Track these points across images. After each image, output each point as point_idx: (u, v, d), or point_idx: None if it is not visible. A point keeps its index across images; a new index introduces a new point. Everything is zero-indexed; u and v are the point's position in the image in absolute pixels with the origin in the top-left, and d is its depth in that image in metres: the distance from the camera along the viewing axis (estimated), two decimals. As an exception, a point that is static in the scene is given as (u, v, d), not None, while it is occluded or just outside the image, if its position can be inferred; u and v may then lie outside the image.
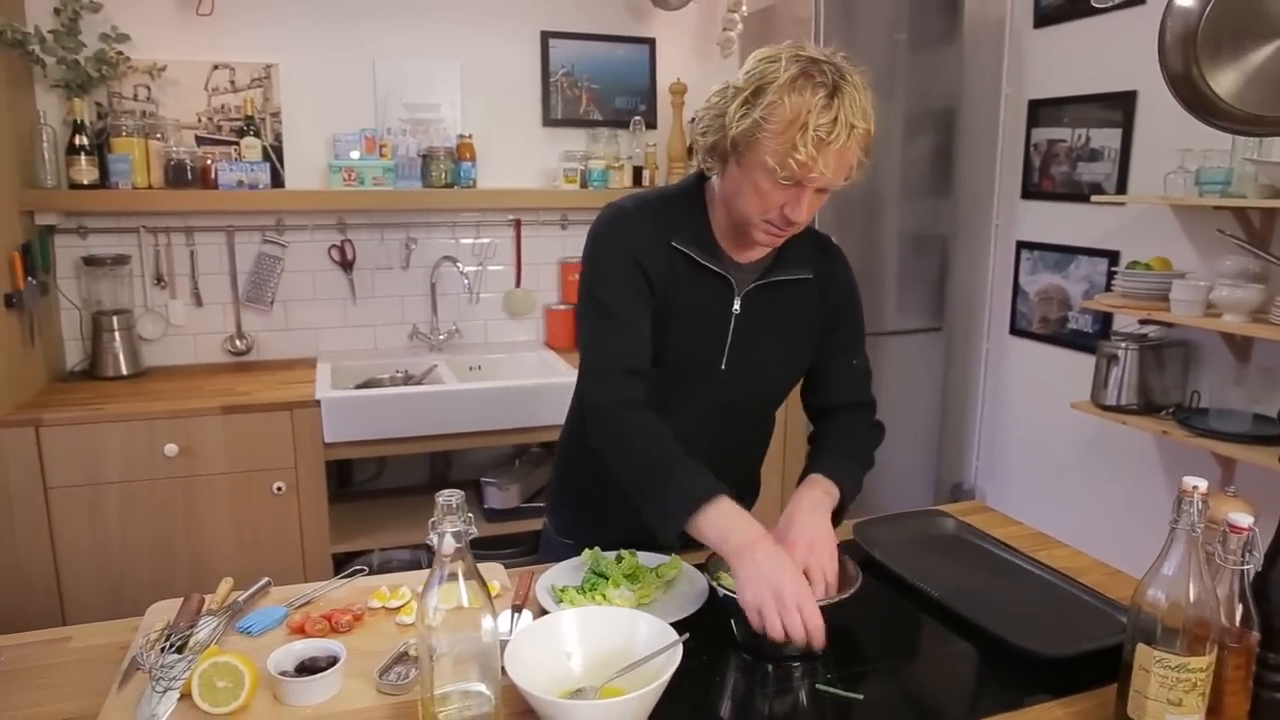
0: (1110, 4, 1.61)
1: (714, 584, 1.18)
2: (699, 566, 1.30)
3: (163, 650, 1.03)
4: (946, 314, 3.22)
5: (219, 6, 2.70)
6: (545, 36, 3.09)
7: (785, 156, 1.14)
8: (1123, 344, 2.41)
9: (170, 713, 0.94)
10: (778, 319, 1.36)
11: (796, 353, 1.41)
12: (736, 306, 1.33)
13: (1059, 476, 2.94)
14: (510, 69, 3.08)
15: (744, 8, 3.04)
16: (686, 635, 1.00)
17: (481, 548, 2.72)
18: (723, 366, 1.35)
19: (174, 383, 2.62)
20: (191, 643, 1.05)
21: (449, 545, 0.88)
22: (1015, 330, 3.08)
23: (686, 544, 1.33)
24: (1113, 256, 2.69)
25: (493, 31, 3.03)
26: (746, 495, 1.49)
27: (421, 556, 2.81)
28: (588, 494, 1.49)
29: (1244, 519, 0.95)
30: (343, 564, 2.61)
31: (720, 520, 1.15)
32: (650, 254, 1.29)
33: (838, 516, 1.30)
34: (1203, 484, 0.93)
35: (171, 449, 2.32)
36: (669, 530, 1.18)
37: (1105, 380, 2.44)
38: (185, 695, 0.95)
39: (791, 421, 2.72)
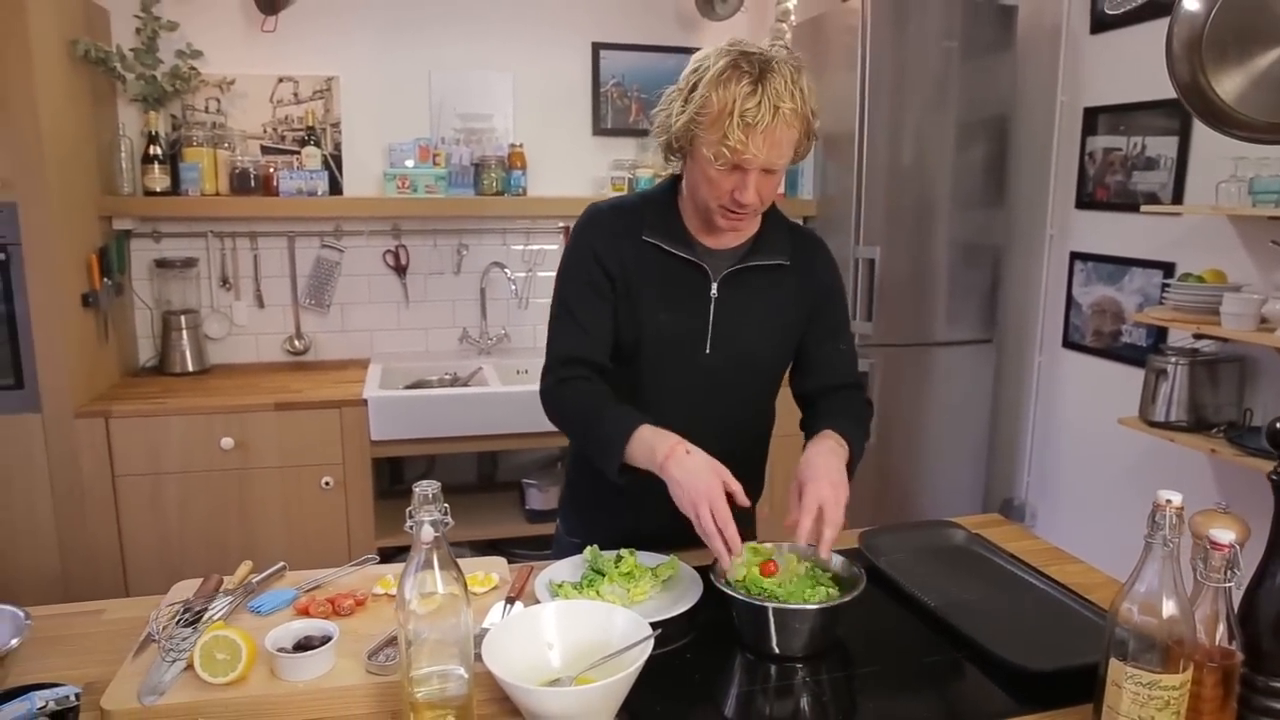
0: (1123, 10, 1.58)
1: (716, 581, 1.20)
2: (700, 569, 1.32)
3: (176, 624, 1.10)
4: (998, 325, 3.16)
5: (283, 23, 2.84)
6: (596, 48, 3.16)
7: (719, 144, 1.22)
8: (1172, 359, 2.34)
9: (175, 680, 1.01)
10: (758, 301, 1.41)
11: (779, 334, 1.45)
12: (714, 291, 1.39)
13: (1111, 493, 2.85)
14: (562, 79, 3.15)
15: (792, 18, 3.05)
16: (660, 630, 1.03)
17: (520, 547, 2.79)
18: (707, 350, 1.40)
19: (235, 380, 2.76)
20: (204, 619, 1.13)
21: (427, 534, 0.93)
22: (1068, 343, 3.01)
23: (689, 542, 1.37)
24: (1168, 268, 2.60)
25: (545, 43, 3.11)
26: (752, 489, 1.49)
27: (465, 552, 2.89)
28: (592, 494, 1.53)
29: (1225, 536, 0.94)
30: (390, 558, 2.70)
31: (642, 446, 1.25)
32: (614, 251, 1.37)
33: (848, 472, 1.34)
34: (1177, 497, 0.92)
35: (228, 442, 2.45)
36: (610, 466, 1.28)
37: (1154, 396, 2.37)
38: (190, 666, 1.02)
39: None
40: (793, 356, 1.50)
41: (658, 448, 1.24)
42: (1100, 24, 2.80)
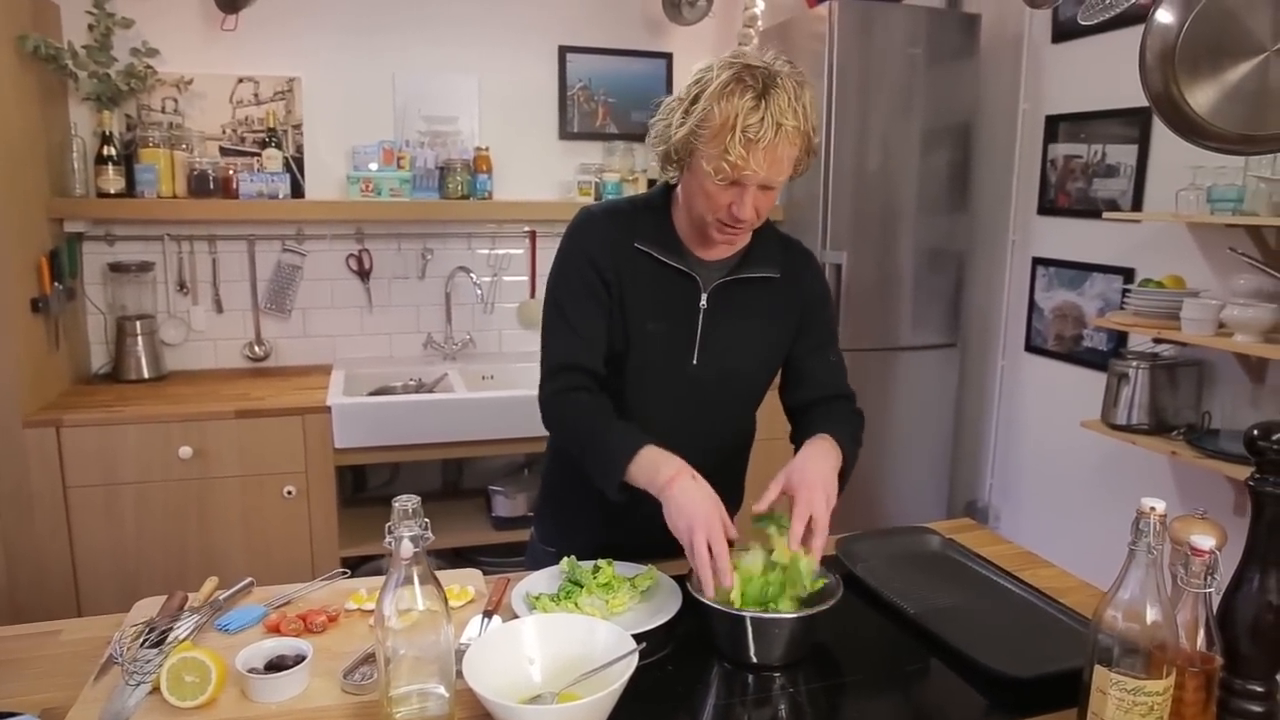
0: (1098, 20, 1.60)
1: (693, 591, 1.19)
2: (678, 578, 1.31)
3: (142, 645, 1.06)
4: (961, 330, 3.20)
5: (244, 21, 2.78)
6: (563, 51, 3.13)
7: (719, 159, 1.20)
8: (1134, 363, 2.38)
9: (140, 705, 0.97)
10: (747, 314, 1.40)
11: (766, 348, 1.45)
12: (704, 302, 1.37)
13: (1073, 495, 2.90)
14: (528, 83, 3.12)
15: (760, 23, 3.06)
16: (644, 644, 1.01)
17: (488, 554, 2.76)
18: (695, 361, 1.39)
19: (193, 387, 2.68)
20: (170, 639, 1.08)
21: (406, 549, 0.91)
22: (1030, 347, 3.05)
23: (669, 553, 1.36)
24: (1128, 274, 2.65)
25: (511, 46, 3.08)
26: (731, 501, 1.49)
27: (430, 560, 2.84)
28: (569, 503, 1.51)
29: (1205, 542, 0.95)
30: (354, 568, 2.65)
31: (646, 465, 1.24)
32: (608, 256, 1.35)
33: (840, 482, 1.33)
34: (1160, 505, 0.92)
35: (186, 451, 2.38)
36: (611, 484, 1.26)
37: (1116, 399, 2.41)
38: (156, 689, 0.98)
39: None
40: (778, 370, 1.49)
41: (662, 469, 1.23)
42: (1061, 34, 2.85)
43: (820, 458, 1.28)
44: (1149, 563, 0.92)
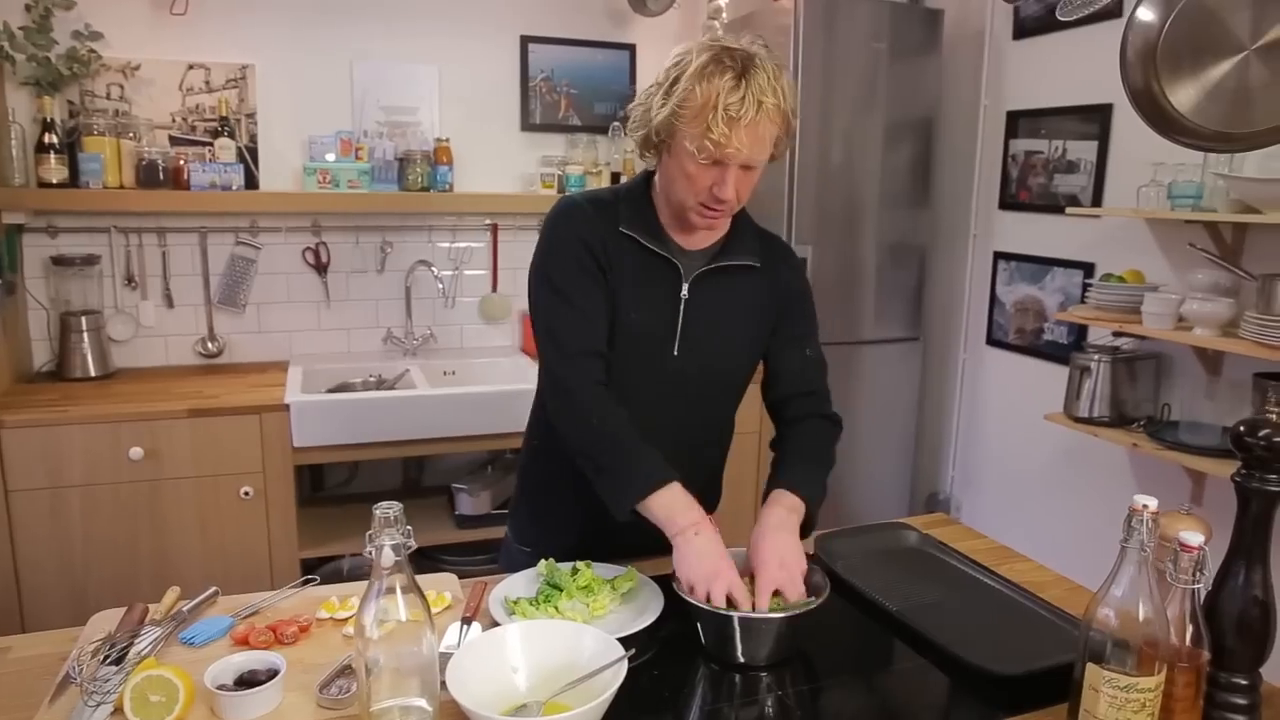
0: (1077, 16, 1.60)
1: (679, 591, 1.17)
2: (658, 578, 1.29)
3: (100, 662, 1.00)
4: (924, 324, 3.22)
5: (194, 6, 2.68)
6: (525, 41, 3.08)
7: (702, 138, 1.20)
8: (1095, 356, 2.41)
9: (101, 727, 0.91)
10: (727, 304, 1.40)
11: (746, 339, 1.43)
12: (685, 291, 1.36)
13: (1033, 487, 2.94)
14: (489, 73, 3.06)
15: (724, 15, 3.04)
16: (633, 650, 0.98)
17: (452, 554, 2.71)
18: (675, 352, 1.37)
19: (143, 385, 2.59)
20: (131, 654, 1.03)
21: (388, 558, 0.87)
22: (992, 341, 3.08)
23: (647, 552, 1.34)
24: (1088, 268, 2.69)
25: (472, 35, 3.02)
26: (708, 499, 1.48)
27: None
28: (547, 502, 1.48)
29: (1194, 538, 0.95)
30: (312, 570, 2.58)
31: (671, 502, 1.23)
32: (599, 240, 1.33)
33: (808, 526, 1.33)
34: (1153, 502, 0.92)
35: (137, 452, 2.29)
36: (623, 505, 1.24)
37: (1078, 392, 2.44)
38: (119, 710, 0.92)
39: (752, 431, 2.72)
40: (758, 363, 1.48)
41: (679, 515, 1.22)
42: (1022, 30, 2.87)
43: (774, 529, 1.27)
44: (1140, 560, 0.92)
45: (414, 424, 2.54)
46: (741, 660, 1.15)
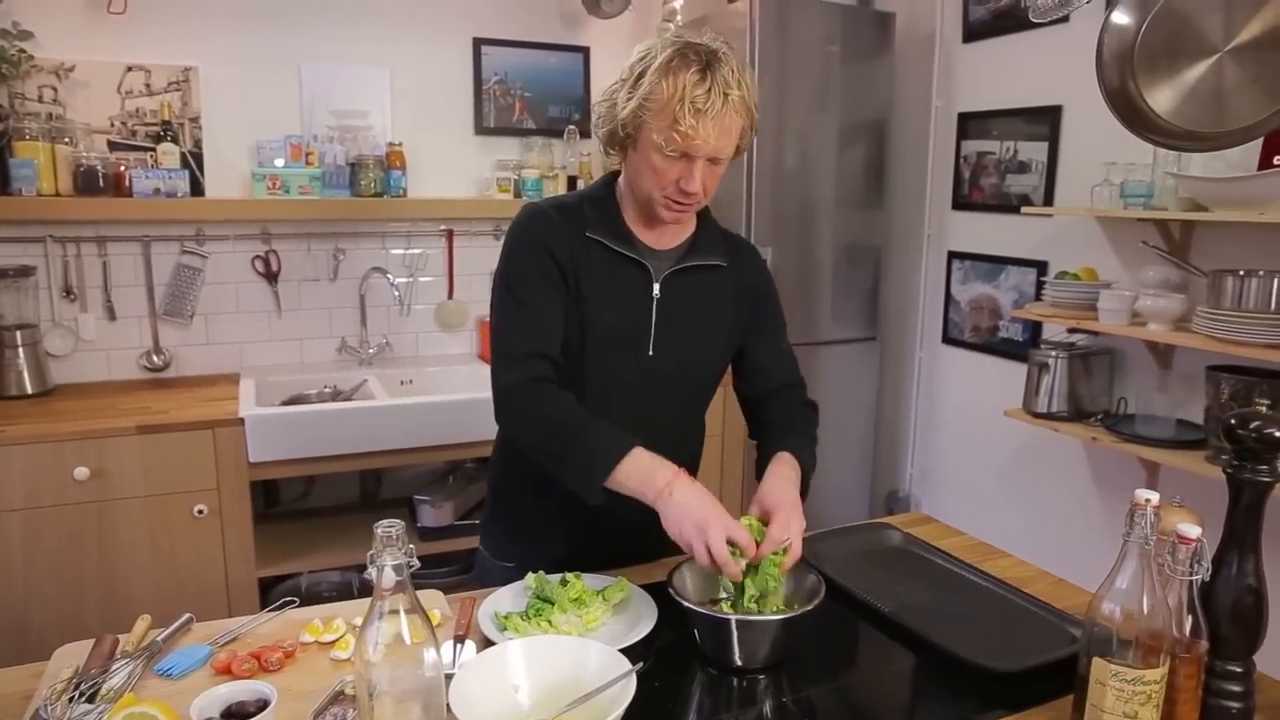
0: (1048, 19, 1.63)
1: (675, 597, 1.15)
2: (648, 587, 1.27)
3: (70, 700, 0.94)
4: (880, 323, 3.25)
5: (133, 4, 2.58)
6: (477, 43, 3.03)
7: (669, 130, 1.22)
8: (1053, 353, 2.46)
9: (80, 769, 0.86)
10: (698, 303, 1.41)
11: (719, 336, 1.45)
12: (656, 291, 1.37)
13: (992, 483, 2.99)
14: (441, 76, 3.01)
15: (679, 18, 3.03)
16: (641, 665, 0.96)
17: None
18: (650, 351, 1.37)
19: (85, 401, 2.47)
20: (104, 690, 0.97)
21: (389, 579, 0.83)
22: (948, 339, 3.13)
23: (632, 559, 1.31)
24: (1041, 267, 2.74)
25: (423, 38, 2.96)
26: None
27: (353, 578, 2.71)
28: (525, 514, 1.45)
29: (1192, 530, 0.96)
30: (269, 588, 2.50)
31: (639, 469, 1.20)
32: (564, 247, 1.33)
33: (801, 493, 1.34)
34: (1155, 497, 0.93)
35: (82, 472, 2.19)
36: (592, 487, 1.21)
37: (1037, 388, 2.49)
38: (97, 748, 0.87)
39: (730, 430, 2.71)
40: (728, 362, 1.50)
41: (658, 474, 1.20)
42: (972, 34, 2.92)
43: (789, 484, 1.29)
44: (1143, 554, 0.93)
45: (373, 435, 2.47)
46: (739, 663, 1.14)
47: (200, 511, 2.31)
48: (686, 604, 1.14)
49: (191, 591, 2.31)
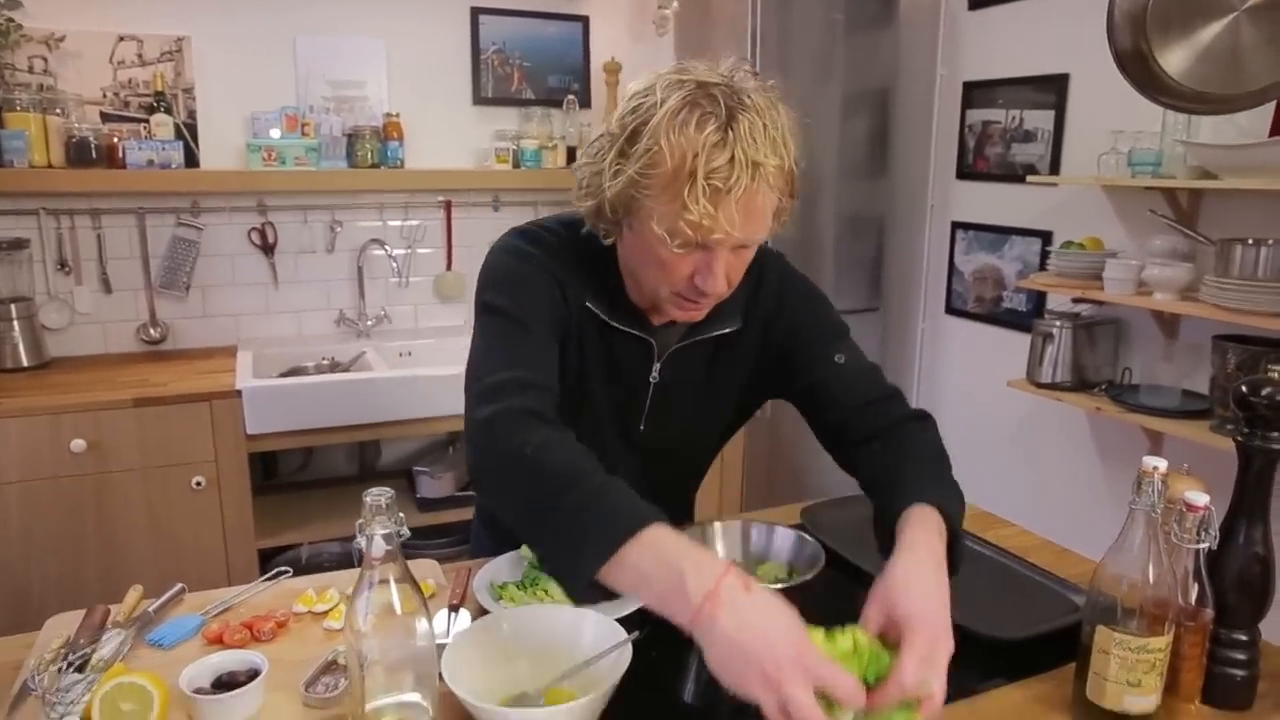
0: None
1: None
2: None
3: (60, 670, 0.93)
4: (883, 294, 3.22)
5: (123, -27, 2.53)
6: (475, 13, 2.98)
7: (675, 219, 0.90)
8: (1057, 323, 2.43)
9: (68, 739, 0.85)
10: (703, 381, 1.18)
11: (726, 407, 1.26)
12: (655, 374, 1.14)
13: (994, 454, 2.97)
14: (439, 46, 2.96)
15: (679, -15, 2.98)
16: (637, 634, 0.95)
17: (415, 538, 2.64)
18: (642, 428, 1.20)
19: (81, 374, 2.46)
20: (94, 660, 0.96)
21: (379, 548, 0.81)
22: (951, 310, 3.10)
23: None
24: (1046, 237, 2.71)
25: (420, 8, 2.91)
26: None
27: (353, 550, 2.70)
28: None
29: (1200, 498, 0.94)
30: (269, 560, 2.50)
31: (658, 561, 0.79)
32: (563, 303, 1.08)
33: (951, 565, 0.94)
34: (1163, 464, 0.91)
35: (79, 444, 2.18)
36: (578, 576, 0.83)
37: (1040, 358, 2.47)
38: None
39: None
40: (739, 423, 1.31)
41: (692, 576, 0.77)
42: (977, 1, 2.87)
43: (932, 572, 0.86)
44: (1149, 522, 0.91)
45: (371, 407, 2.46)
46: None
47: (198, 484, 2.30)
48: None
49: (191, 563, 2.30)
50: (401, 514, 0.82)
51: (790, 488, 1.15)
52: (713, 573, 0.76)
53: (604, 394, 1.15)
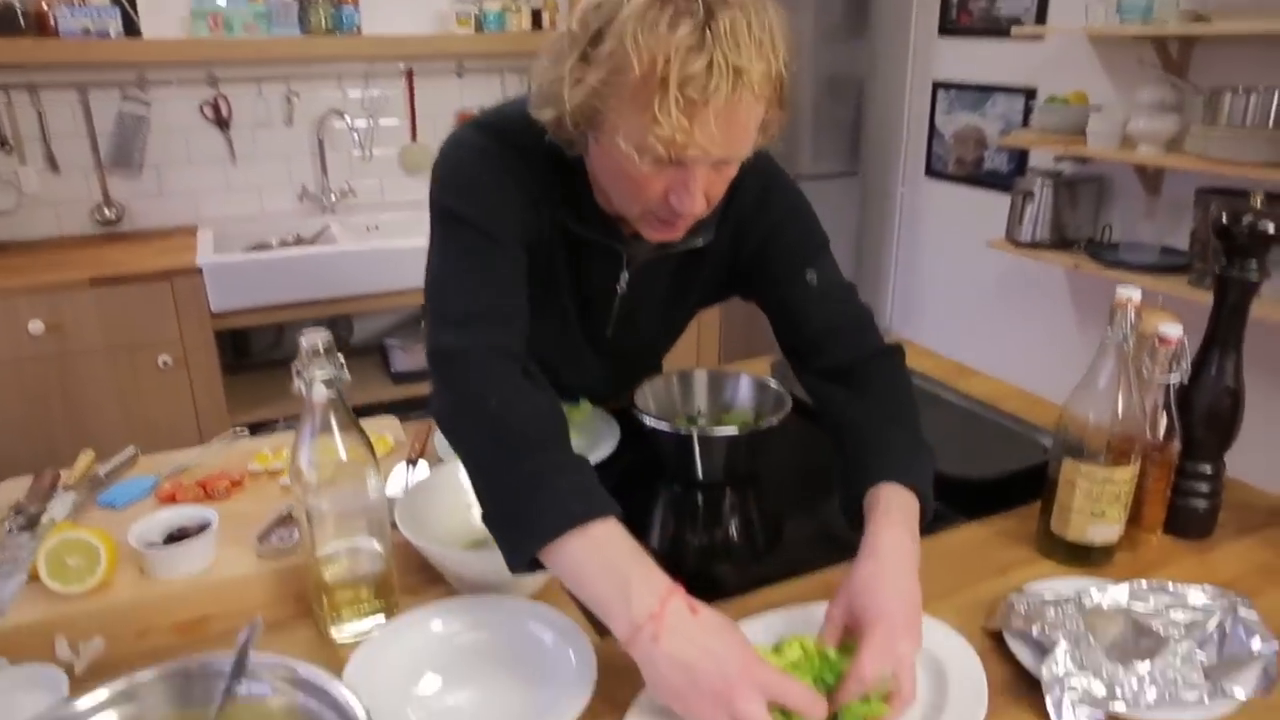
0: None
1: (640, 414, 1.12)
2: (616, 412, 1.24)
3: (9, 531, 0.91)
4: (862, 158, 3.14)
5: None
6: None
7: (644, 134, 0.78)
8: (1037, 180, 2.38)
9: (16, 596, 0.83)
10: (669, 293, 1.12)
11: (694, 307, 1.21)
12: (623, 285, 1.07)
13: (973, 315, 2.96)
14: (390, -105, 2.76)
15: None
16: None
17: (389, 411, 2.61)
18: (608, 333, 1.15)
19: (35, 257, 2.38)
20: (45, 521, 0.94)
21: (320, 394, 0.78)
22: (931, 172, 3.03)
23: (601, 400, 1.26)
24: (1030, 94, 2.62)
25: None
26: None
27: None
28: None
29: (1174, 330, 0.92)
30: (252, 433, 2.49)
31: (604, 567, 0.72)
32: (536, 200, 0.97)
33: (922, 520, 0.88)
34: (1137, 294, 0.88)
35: (37, 326, 2.12)
36: (519, 550, 0.76)
37: (1020, 217, 2.42)
38: (35, 578, 0.84)
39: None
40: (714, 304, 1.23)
41: (637, 593, 0.70)
42: None
43: (899, 564, 0.78)
44: (1119, 355, 0.89)
45: (339, 281, 2.40)
46: (702, 479, 1.13)
47: (165, 363, 2.26)
48: (649, 420, 1.11)
49: (165, 440, 2.23)
50: (341, 358, 0.78)
51: (770, 341, 1.11)
52: (658, 591, 0.70)
53: (571, 301, 1.10)
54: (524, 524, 0.75)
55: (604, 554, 0.72)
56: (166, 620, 0.85)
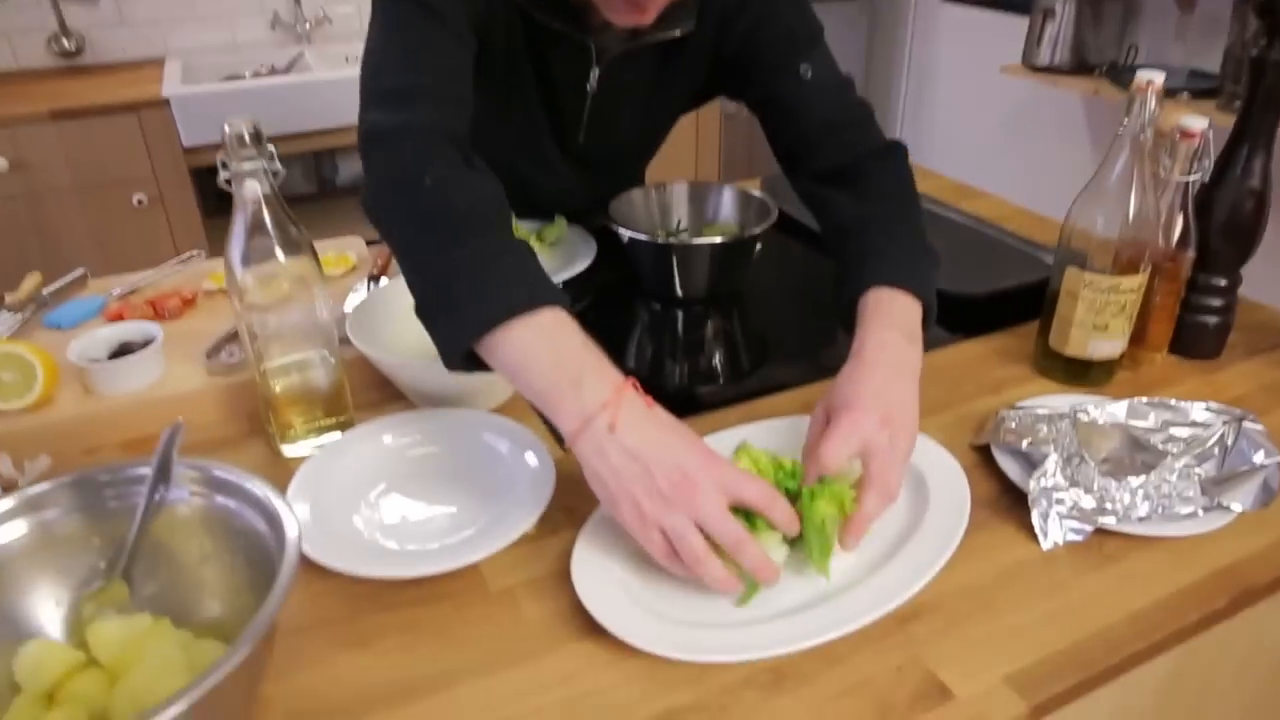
0: None
1: (614, 226, 1.05)
2: (594, 230, 1.17)
3: (-55, 349, 0.86)
4: (874, -21, 2.93)
5: None
6: None
7: None
8: (1061, -4, 2.20)
9: (-49, 413, 0.79)
10: (648, 91, 1.03)
11: (675, 114, 1.13)
12: (593, 83, 0.98)
13: (984, 145, 2.82)
14: None
15: None
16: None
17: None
18: (580, 139, 1.07)
19: (-10, 90, 2.25)
20: (-17, 340, 0.89)
21: (251, 190, 0.71)
22: (947, -7, 2.82)
23: (580, 217, 1.19)
24: (1059, -103, 2.39)
25: None
26: None
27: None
28: None
29: (1198, 122, 0.83)
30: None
31: (548, 357, 0.63)
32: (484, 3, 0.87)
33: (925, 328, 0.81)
34: (1159, 78, 0.78)
35: (0, 163, 2.03)
36: (454, 342, 0.67)
37: (1039, 38, 2.26)
38: (-28, 395, 0.80)
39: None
40: (697, 106, 1.13)
41: (589, 383, 0.61)
42: None
43: (879, 358, 0.71)
44: (1135, 149, 0.80)
45: (317, 114, 2.28)
46: (680, 294, 1.08)
47: (140, 201, 2.18)
48: (624, 231, 1.04)
49: None
50: (272, 148, 0.70)
51: (774, 163, 1.02)
52: (613, 381, 0.62)
53: (536, 102, 1.00)
54: (462, 311, 0.65)
55: (553, 343, 0.64)
56: (115, 437, 0.82)
